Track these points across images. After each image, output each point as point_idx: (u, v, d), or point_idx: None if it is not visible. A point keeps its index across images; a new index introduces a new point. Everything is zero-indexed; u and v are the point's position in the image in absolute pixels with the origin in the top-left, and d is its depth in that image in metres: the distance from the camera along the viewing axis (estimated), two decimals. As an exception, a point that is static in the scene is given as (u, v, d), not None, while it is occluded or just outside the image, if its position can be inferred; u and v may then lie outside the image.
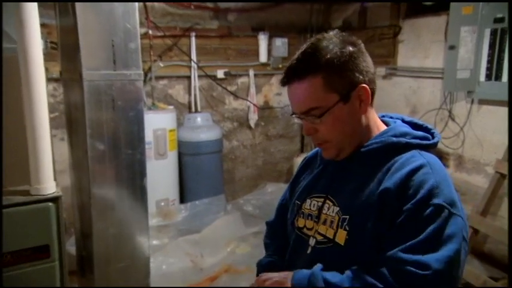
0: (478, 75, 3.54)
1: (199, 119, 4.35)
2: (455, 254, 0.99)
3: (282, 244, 1.38)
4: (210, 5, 4.37)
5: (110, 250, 1.86)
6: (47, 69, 3.51)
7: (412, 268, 0.96)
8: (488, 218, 3.42)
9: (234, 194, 4.78)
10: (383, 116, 1.28)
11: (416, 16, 4.19)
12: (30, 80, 1.45)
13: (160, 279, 3.03)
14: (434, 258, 0.96)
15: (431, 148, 1.17)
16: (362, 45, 1.16)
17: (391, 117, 1.29)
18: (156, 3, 4.12)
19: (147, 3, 4.00)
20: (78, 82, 1.73)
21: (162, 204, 3.93)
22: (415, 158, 1.10)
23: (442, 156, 4.01)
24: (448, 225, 1.00)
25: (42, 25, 3.48)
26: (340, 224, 1.13)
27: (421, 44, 4.18)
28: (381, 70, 4.49)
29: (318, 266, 1.10)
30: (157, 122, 3.85)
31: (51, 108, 3.73)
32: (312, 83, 1.09)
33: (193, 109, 4.53)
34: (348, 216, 1.12)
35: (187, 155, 4.23)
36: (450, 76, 3.67)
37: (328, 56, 1.08)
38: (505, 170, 3.30)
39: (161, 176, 3.94)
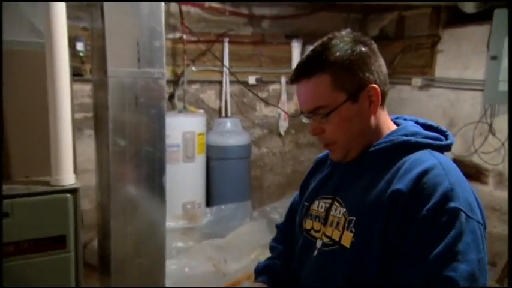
0: (522, 87, 3.36)
1: (228, 124, 4.37)
2: (480, 264, 0.94)
3: (287, 249, 1.38)
4: (244, 11, 4.42)
5: (127, 248, 1.88)
6: (85, 71, 3.66)
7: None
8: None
9: (262, 202, 4.76)
10: (397, 118, 1.25)
11: (457, 25, 4.09)
12: (54, 76, 1.49)
13: (182, 281, 3.05)
14: (460, 275, 0.91)
15: (444, 150, 1.13)
16: (374, 45, 1.14)
17: (405, 119, 1.25)
18: (192, 9, 4.20)
19: (183, 8, 4.09)
20: (104, 79, 1.78)
21: (188, 206, 3.95)
22: (425, 157, 1.06)
23: (480, 172, 3.89)
24: (467, 232, 0.94)
25: (83, 28, 3.64)
26: (346, 225, 1.09)
27: (461, 54, 4.06)
28: (418, 81, 4.40)
29: None
30: (187, 125, 3.90)
31: (88, 108, 3.83)
32: (320, 81, 1.08)
33: (223, 114, 4.56)
34: (354, 218, 1.08)
35: (215, 159, 4.25)
36: (492, 88, 3.57)
37: (338, 54, 1.07)
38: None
39: (188, 178, 3.98)
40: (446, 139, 1.15)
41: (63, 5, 1.50)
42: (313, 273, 1.18)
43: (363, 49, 1.10)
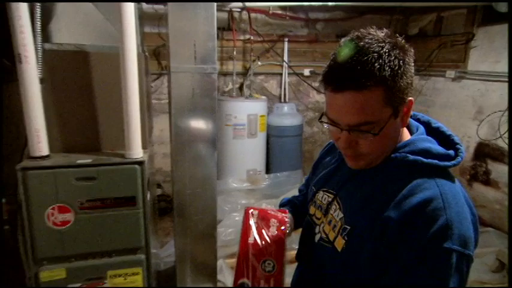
0: (546, 80, 2.98)
1: (286, 108, 4.30)
2: None
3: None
4: (302, 16, 4.27)
5: (186, 205, 1.91)
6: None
7: None
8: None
9: None
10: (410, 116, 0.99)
11: (491, 23, 3.65)
12: (126, 72, 1.50)
13: (242, 231, 3.10)
14: None
15: (452, 167, 0.88)
16: (409, 48, 0.84)
17: (418, 119, 1.00)
18: (259, 15, 4.13)
19: (252, 15, 4.03)
20: (168, 74, 1.80)
21: (251, 172, 3.97)
22: (427, 185, 0.82)
23: (503, 154, 3.53)
24: (456, 273, 0.78)
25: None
26: (341, 231, 0.93)
27: (493, 49, 3.63)
28: (451, 73, 4.02)
29: None
30: (251, 109, 3.89)
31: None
32: (372, 95, 0.78)
33: (282, 100, 4.50)
34: (348, 228, 0.91)
35: (273, 136, 4.22)
36: (520, 80, 3.17)
37: (391, 64, 0.78)
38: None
39: (251, 151, 3.99)
40: (456, 154, 0.89)
41: (132, 18, 1.49)
42: (314, 261, 1.06)
43: (407, 59, 0.81)
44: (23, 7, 1.33)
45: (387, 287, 0.83)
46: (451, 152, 0.89)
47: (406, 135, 0.93)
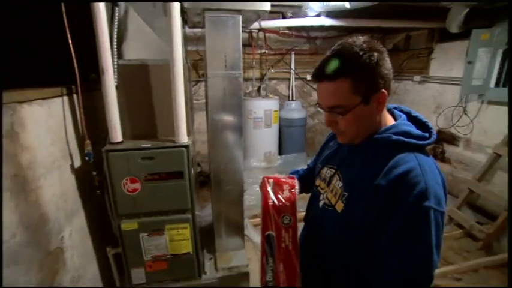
0: (489, 83, 2.89)
1: (293, 105, 4.20)
2: (437, 246, 0.75)
3: (312, 170, 1.21)
4: (304, 34, 4.13)
5: (220, 178, 1.87)
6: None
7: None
8: (482, 183, 2.87)
9: (313, 153, 4.54)
10: (395, 108, 0.94)
11: (445, 41, 3.54)
12: (175, 79, 1.46)
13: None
14: (424, 258, 0.74)
15: (427, 146, 0.84)
16: (384, 51, 0.80)
17: (402, 110, 0.94)
18: (272, 35, 4.02)
19: (266, 35, 3.93)
20: (205, 79, 1.74)
21: (267, 154, 3.94)
22: (408, 158, 0.78)
23: (455, 139, 3.42)
24: (434, 225, 0.74)
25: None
26: (340, 197, 0.89)
27: (447, 60, 3.53)
28: (417, 78, 3.89)
29: None
30: (267, 105, 3.82)
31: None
32: (341, 84, 0.77)
33: (290, 98, 4.40)
34: (347, 194, 0.87)
35: (284, 127, 4.14)
36: (467, 83, 3.06)
37: (359, 62, 0.76)
38: (500, 152, 2.74)
39: (267, 138, 3.93)
40: (430, 135, 0.85)
41: (179, 38, 1.43)
42: (318, 222, 1.01)
43: (378, 57, 0.77)
44: (105, 33, 1.32)
45: (384, 243, 0.79)
46: (426, 134, 0.86)
47: (391, 121, 0.89)
